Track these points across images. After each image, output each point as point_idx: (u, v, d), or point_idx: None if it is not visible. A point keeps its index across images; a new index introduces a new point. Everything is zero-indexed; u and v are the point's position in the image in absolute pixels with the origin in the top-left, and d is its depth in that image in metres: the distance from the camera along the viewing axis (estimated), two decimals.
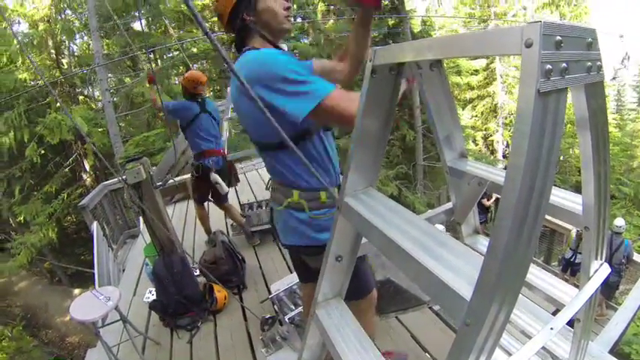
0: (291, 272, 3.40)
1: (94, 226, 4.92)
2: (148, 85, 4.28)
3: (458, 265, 0.65)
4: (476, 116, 20.11)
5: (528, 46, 0.48)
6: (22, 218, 12.85)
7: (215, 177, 3.77)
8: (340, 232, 0.99)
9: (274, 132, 0.96)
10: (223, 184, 3.80)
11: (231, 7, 1.45)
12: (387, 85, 0.84)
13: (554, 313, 1.03)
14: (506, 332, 1.32)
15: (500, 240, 0.53)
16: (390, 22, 11.66)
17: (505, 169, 0.57)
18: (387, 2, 10.35)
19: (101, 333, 2.74)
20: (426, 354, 2.38)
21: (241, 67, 1.32)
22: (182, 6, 12.69)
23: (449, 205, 1.46)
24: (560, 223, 5.33)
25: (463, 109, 19.84)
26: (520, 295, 1.32)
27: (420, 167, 12.20)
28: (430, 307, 2.70)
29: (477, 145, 19.94)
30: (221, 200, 4.10)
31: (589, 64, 0.57)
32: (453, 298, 0.60)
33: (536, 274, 1.22)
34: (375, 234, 0.81)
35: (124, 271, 4.94)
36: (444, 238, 0.73)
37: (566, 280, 4.30)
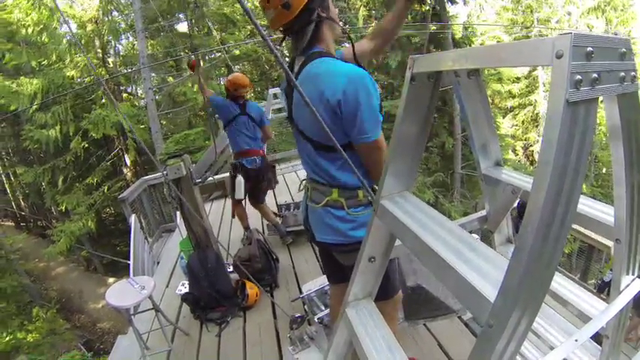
0: (324, 274, 3.43)
1: (132, 219, 5.07)
2: (191, 72, 4.35)
3: (486, 268, 0.66)
4: (516, 125, 19.57)
5: (559, 57, 0.50)
6: (63, 207, 13.45)
7: (239, 180, 3.83)
8: (375, 234, 1.01)
9: (336, 134, 1.05)
10: (240, 190, 3.84)
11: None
12: (425, 92, 0.86)
13: None
14: (529, 342, 1.31)
15: (526, 244, 0.54)
16: (432, 27, 11.56)
17: None
18: (428, 8, 10.26)
19: (133, 320, 2.83)
20: None
21: (328, 73, 1.41)
22: (225, 9, 13.03)
23: (482, 212, 1.46)
24: (600, 239, 5.10)
25: (503, 117, 19.35)
26: (546, 307, 1.30)
27: (458, 175, 11.97)
28: (459, 317, 2.67)
29: (516, 154, 19.40)
30: (257, 199, 4.15)
31: (622, 74, 0.57)
32: (478, 299, 0.62)
33: (565, 285, 1.22)
34: (408, 235, 0.83)
35: (158, 263, 5.07)
36: (474, 243, 0.74)
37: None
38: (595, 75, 0.52)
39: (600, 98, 0.55)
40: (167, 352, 2.93)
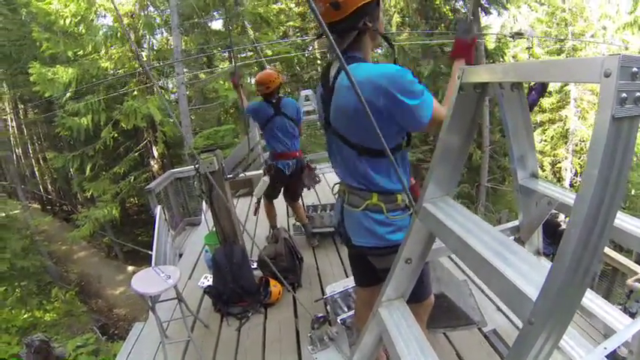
0: (347, 276, 3.43)
1: (158, 209, 5.16)
2: (225, 93, 4.51)
3: (526, 270, 0.70)
4: (545, 140, 19.11)
5: (607, 76, 0.53)
6: (89, 194, 13.77)
7: (264, 179, 3.84)
8: (414, 236, 1.04)
9: (378, 139, 1.07)
10: (260, 190, 3.86)
11: (362, 4, 1.45)
12: (471, 102, 0.90)
13: None
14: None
15: (568, 249, 0.58)
16: None
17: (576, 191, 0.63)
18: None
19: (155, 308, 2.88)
20: None
21: (366, 76, 1.42)
22: (259, 9, 13.19)
23: (515, 222, 1.47)
24: (624, 261, 4.97)
25: (533, 131, 18.91)
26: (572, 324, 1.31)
27: (484, 188, 11.84)
28: (479, 329, 2.65)
29: (543, 170, 18.95)
30: (292, 198, 4.19)
31: None
32: (521, 298, 0.66)
33: (591, 299, 1.24)
34: (450, 237, 0.86)
35: (180, 255, 5.18)
36: (514, 246, 0.77)
37: None
38: (639, 94, 0.55)
39: None
40: (186, 342, 2.98)
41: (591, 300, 1.26)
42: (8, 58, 16.47)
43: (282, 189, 4.14)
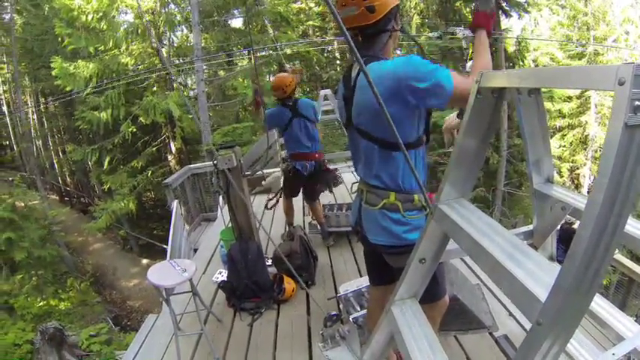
0: (361, 276, 3.44)
1: (175, 204, 5.23)
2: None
3: (537, 272, 0.71)
4: (564, 146, 18.73)
5: (621, 84, 0.55)
6: (107, 187, 14.02)
7: (274, 176, 3.86)
8: (429, 236, 1.06)
9: (402, 133, 1.09)
10: (270, 183, 3.88)
11: (390, 8, 1.53)
12: (488, 105, 0.91)
13: None
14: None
15: (579, 250, 0.59)
16: None
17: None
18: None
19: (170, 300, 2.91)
20: None
21: (385, 70, 1.48)
22: (279, 7, 13.25)
23: (529, 227, 1.47)
24: None
25: (551, 137, 18.53)
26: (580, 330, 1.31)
27: (500, 193, 11.69)
28: (490, 334, 2.64)
29: (561, 177, 18.61)
30: (311, 197, 4.22)
31: None
32: (529, 298, 0.67)
33: (603, 306, 1.24)
34: (464, 237, 0.88)
35: (195, 250, 5.23)
36: (526, 249, 0.79)
37: None
38: None
39: None
40: (198, 335, 3.01)
41: (602, 307, 1.26)
42: (30, 52, 16.92)
43: (302, 189, 4.17)
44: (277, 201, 4.28)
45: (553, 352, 0.67)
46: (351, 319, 2.65)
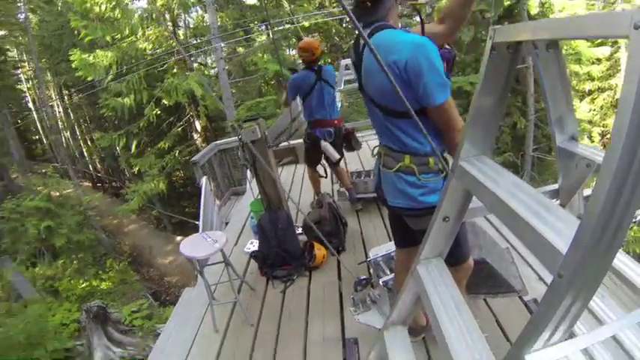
0: (390, 240, 3.45)
1: (204, 180, 5.32)
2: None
3: (559, 225, 0.69)
4: (594, 110, 18.00)
5: (636, 28, 0.52)
6: (136, 170, 14.31)
7: (325, 145, 3.86)
8: (451, 194, 1.05)
9: (401, 101, 1.16)
10: (333, 153, 3.88)
11: None
12: (504, 62, 0.89)
13: None
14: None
15: (599, 199, 0.56)
16: (506, 2, 10.86)
17: None
18: None
19: (204, 272, 3.01)
20: (508, 342, 2.31)
21: (393, 41, 1.51)
22: None
23: (555, 186, 1.44)
24: None
25: (580, 100, 17.86)
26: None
27: (529, 158, 11.37)
28: (520, 297, 2.62)
29: (592, 141, 17.91)
30: (335, 163, 4.17)
31: None
32: (551, 251, 0.66)
33: (631, 267, 1.20)
34: (486, 194, 0.87)
35: (226, 224, 5.33)
36: (549, 203, 0.77)
37: None
38: None
39: None
40: (233, 303, 3.10)
41: (632, 269, 1.22)
42: (49, 48, 17.43)
43: (324, 155, 4.14)
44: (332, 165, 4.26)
45: (575, 308, 0.66)
46: (381, 282, 2.66)
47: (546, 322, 0.68)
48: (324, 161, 4.23)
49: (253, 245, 3.95)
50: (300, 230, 3.84)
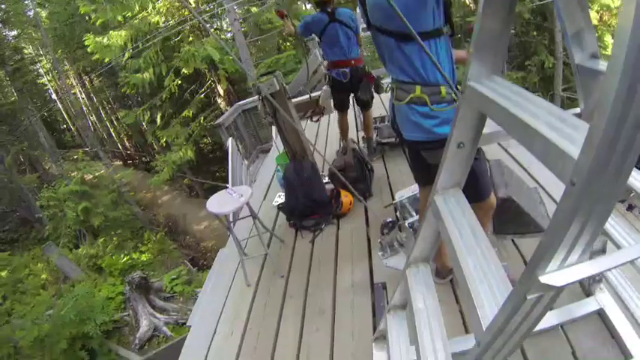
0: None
1: (230, 141, 5.38)
2: (281, 22, 4.49)
3: (572, 133, 0.63)
4: None
5: None
6: (163, 142, 14.65)
7: (324, 90, 3.80)
8: (463, 118, 1.01)
9: (413, 23, 1.14)
10: (323, 99, 3.83)
11: None
12: None
13: None
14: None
15: (608, 98, 0.50)
16: None
17: None
18: None
19: (232, 227, 3.06)
20: None
21: None
22: None
23: (576, 110, 1.34)
24: None
25: (613, 36, 16.76)
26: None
27: (558, 98, 10.86)
28: None
29: None
30: (364, 106, 4.06)
31: None
32: (562, 158, 0.60)
33: None
34: (497, 110, 0.83)
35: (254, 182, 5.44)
36: (563, 114, 0.71)
37: None
38: None
39: None
40: (263, 256, 3.18)
41: None
42: (63, 38, 17.71)
43: (351, 97, 4.04)
44: (322, 114, 4.23)
45: (591, 224, 0.60)
46: (407, 224, 2.65)
47: (560, 238, 0.63)
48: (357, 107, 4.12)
49: (281, 198, 3.97)
50: (327, 179, 3.83)
